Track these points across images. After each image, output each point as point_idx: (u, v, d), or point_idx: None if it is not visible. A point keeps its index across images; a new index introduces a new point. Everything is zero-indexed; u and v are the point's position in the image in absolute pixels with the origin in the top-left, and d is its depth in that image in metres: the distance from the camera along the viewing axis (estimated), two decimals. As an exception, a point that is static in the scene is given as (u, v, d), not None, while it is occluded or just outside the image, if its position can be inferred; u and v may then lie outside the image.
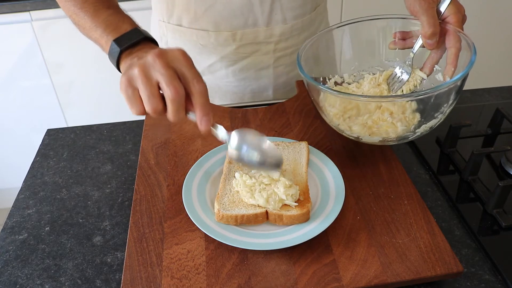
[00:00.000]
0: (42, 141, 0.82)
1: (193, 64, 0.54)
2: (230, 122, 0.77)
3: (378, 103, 0.64)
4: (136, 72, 0.52)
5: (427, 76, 0.68)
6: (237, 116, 0.79)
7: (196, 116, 0.53)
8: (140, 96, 0.52)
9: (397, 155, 0.70)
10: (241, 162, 0.58)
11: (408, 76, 0.62)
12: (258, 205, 0.58)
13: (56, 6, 1.51)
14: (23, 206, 0.68)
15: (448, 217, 0.65)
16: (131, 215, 0.61)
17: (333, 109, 0.65)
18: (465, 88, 0.96)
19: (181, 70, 0.52)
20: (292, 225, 0.57)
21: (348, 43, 0.74)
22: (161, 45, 0.93)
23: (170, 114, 0.53)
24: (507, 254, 0.58)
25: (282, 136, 0.74)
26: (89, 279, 0.57)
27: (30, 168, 0.76)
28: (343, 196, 0.60)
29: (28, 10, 1.54)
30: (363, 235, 0.57)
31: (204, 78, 0.91)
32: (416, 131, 0.64)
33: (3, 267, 0.59)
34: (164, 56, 0.52)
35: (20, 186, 0.72)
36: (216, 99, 0.93)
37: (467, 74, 0.59)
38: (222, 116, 0.78)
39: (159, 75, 0.51)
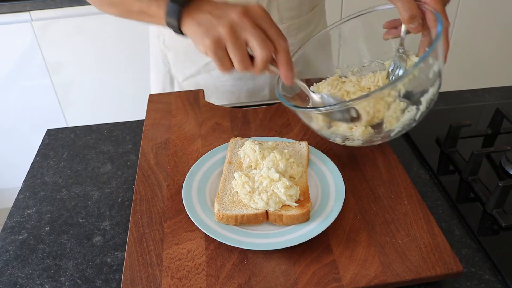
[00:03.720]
0: (42, 141, 0.82)
1: (273, 21, 0.56)
2: (230, 122, 0.77)
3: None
4: (223, 32, 0.53)
5: None
6: (237, 116, 0.79)
7: (281, 73, 0.57)
8: (229, 55, 0.55)
9: (397, 155, 0.70)
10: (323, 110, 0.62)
11: (405, 65, 0.58)
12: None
13: (56, 6, 1.52)
14: (23, 206, 0.68)
15: (448, 217, 0.65)
16: (131, 215, 0.61)
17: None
18: (465, 88, 0.96)
19: (266, 28, 0.54)
20: (292, 225, 0.57)
21: (341, 43, 0.73)
22: (159, 44, 0.93)
23: (258, 70, 0.56)
24: (507, 254, 0.58)
25: (282, 136, 0.74)
26: (89, 279, 0.57)
27: (30, 168, 0.76)
28: (343, 196, 0.60)
29: (28, 10, 1.54)
30: (363, 235, 0.57)
31: (200, 77, 0.92)
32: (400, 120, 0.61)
33: (3, 267, 0.59)
34: (250, 14, 0.54)
35: (20, 186, 0.72)
36: (213, 98, 0.93)
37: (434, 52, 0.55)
38: (222, 116, 0.78)
39: (250, 36, 0.53)
